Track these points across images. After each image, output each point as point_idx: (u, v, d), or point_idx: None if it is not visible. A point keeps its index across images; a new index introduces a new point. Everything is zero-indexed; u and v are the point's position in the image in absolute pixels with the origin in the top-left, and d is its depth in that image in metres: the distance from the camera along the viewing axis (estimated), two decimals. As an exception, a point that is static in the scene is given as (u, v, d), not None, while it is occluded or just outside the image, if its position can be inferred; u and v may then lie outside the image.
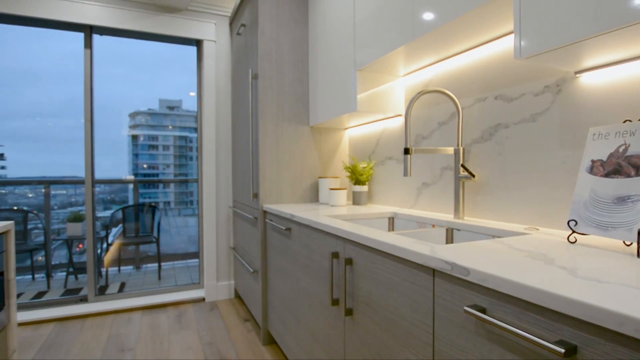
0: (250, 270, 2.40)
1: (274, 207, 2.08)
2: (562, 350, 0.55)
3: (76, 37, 2.82)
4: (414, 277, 0.93)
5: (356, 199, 2.11)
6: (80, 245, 3.68)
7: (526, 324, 0.64)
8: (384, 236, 1.09)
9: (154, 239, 3.81)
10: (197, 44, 3.12)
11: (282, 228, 1.88)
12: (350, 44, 1.86)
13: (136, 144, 4.53)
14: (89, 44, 2.80)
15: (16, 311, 1.69)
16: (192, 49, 3.17)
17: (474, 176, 1.44)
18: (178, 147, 4.86)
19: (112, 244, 3.75)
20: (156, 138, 4.82)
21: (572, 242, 0.95)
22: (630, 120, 0.91)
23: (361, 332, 1.19)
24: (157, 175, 4.66)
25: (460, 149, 1.47)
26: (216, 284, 3.08)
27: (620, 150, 0.89)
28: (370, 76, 1.83)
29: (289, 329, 1.88)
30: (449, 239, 1.44)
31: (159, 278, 3.77)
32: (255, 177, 2.35)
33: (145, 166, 4.63)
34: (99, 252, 3.11)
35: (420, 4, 1.33)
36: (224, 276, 3.13)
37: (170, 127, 4.85)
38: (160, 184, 4.75)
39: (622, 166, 0.88)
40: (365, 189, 2.10)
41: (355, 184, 2.11)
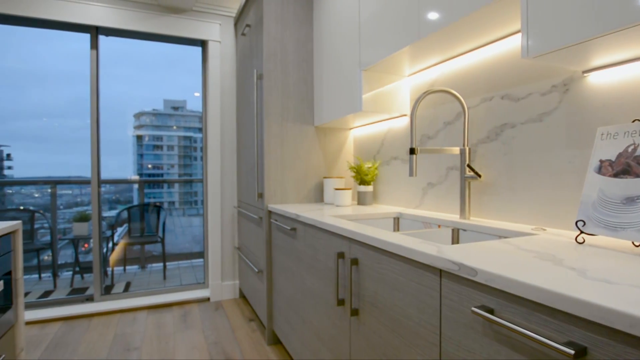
0: (255, 270, 2.40)
1: (279, 207, 2.08)
2: (572, 352, 0.54)
3: (82, 37, 2.83)
4: (420, 278, 0.93)
5: (361, 199, 2.11)
6: (86, 245, 3.71)
7: (535, 325, 0.63)
8: (390, 236, 1.09)
9: (159, 239, 3.82)
10: (202, 44, 3.13)
11: (287, 228, 1.88)
12: (355, 44, 1.85)
13: (141, 144, 4.55)
14: (95, 45, 2.82)
15: (24, 310, 1.70)
16: (196, 49, 3.18)
17: (480, 176, 1.43)
18: (182, 147, 4.88)
19: (117, 243, 3.77)
20: (161, 138, 4.84)
21: (580, 243, 0.94)
22: (639, 120, 0.90)
23: (367, 333, 1.19)
24: (161, 175, 4.68)
25: (466, 149, 1.46)
26: (221, 283, 3.09)
27: (629, 150, 0.88)
28: (375, 76, 1.83)
29: (294, 329, 1.88)
30: (455, 240, 1.43)
31: (164, 278, 3.79)
32: (260, 177, 2.36)
33: (150, 166, 4.65)
34: (104, 251, 3.13)
35: (425, 3, 1.33)
36: (228, 276, 3.14)
37: (175, 128, 4.87)
38: (165, 184, 4.78)
39: (631, 166, 0.87)
40: (370, 189, 2.09)
41: (360, 184, 2.11)
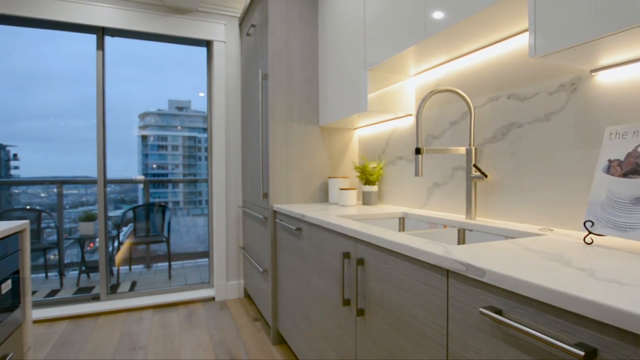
0: (260, 269, 2.41)
1: (284, 207, 2.08)
2: (582, 353, 0.54)
3: (87, 38, 2.85)
4: (427, 278, 0.92)
5: (366, 199, 2.10)
6: (92, 245, 3.73)
7: (544, 326, 0.63)
8: (396, 236, 1.09)
9: (164, 239, 3.84)
10: (207, 44, 3.14)
11: (292, 228, 1.88)
12: (360, 43, 1.85)
13: (146, 144, 4.57)
14: (101, 46, 2.84)
15: (31, 309, 1.71)
16: (200, 49, 3.19)
17: (486, 176, 1.42)
18: (187, 147, 4.90)
19: (123, 243, 3.79)
20: (165, 138, 4.86)
21: (588, 243, 0.93)
22: (648, 120, 0.89)
23: (373, 333, 1.18)
24: (166, 175, 4.70)
25: (473, 148, 1.46)
26: (226, 283, 3.10)
27: (639, 149, 0.88)
28: (380, 76, 1.83)
29: (299, 329, 1.88)
30: (461, 240, 1.43)
31: (169, 277, 3.80)
32: (265, 177, 2.36)
33: (155, 166, 4.67)
34: (110, 251, 3.14)
35: (431, 3, 1.32)
36: (233, 276, 3.14)
37: (179, 128, 4.89)
38: (170, 184, 4.80)
39: (640, 166, 0.86)
40: (375, 189, 2.09)
41: (365, 184, 2.11)
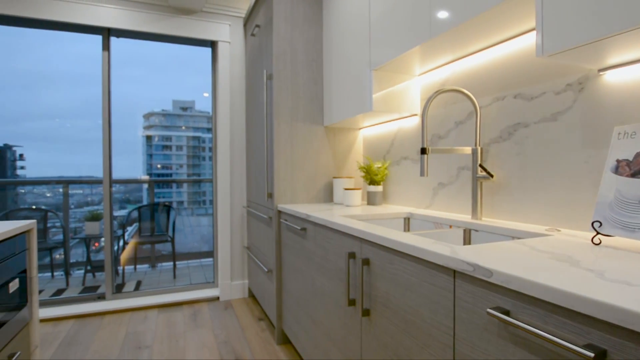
0: (265, 269, 2.41)
1: (288, 207, 2.08)
2: (592, 355, 0.54)
3: (93, 39, 2.87)
4: (433, 278, 0.92)
5: (371, 199, 2.10)
6: (97, 244, 3.75)
7: (552, 327, 0.63)
8: (402, 236, 1.09)
9: (169, 238, 3.86)
10: (212, 45, 3.15)
11: (297, 228, 1.89)
12: (365, 43, 1.85)
13: (150, 144, 4.59)
14: (106, 46, 2.85)
15: (38, 308, 1.73)
16: (204, 50, 3.20)
17: (492, 176, 1.42)
18: (191, 147, 4.91)
19: (128, 242, 3.81)
20: (170, 138, 4.88)
21: (596, 244, 0.93)
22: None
23: (378, 333, 1.18)
24: (170, 175, 4.72)
25: (478, 148, 1.45)
26: (230, 283, 3.11)
27: (648, 149, 0.87)
28: (385, 76, 1.82)
29: (303, 329, 1.88)
30: (467, 240, 1.42)
31: (174, 277, 3.82)
32: (270, 177, 2.36)
33: (159, 166, 4.69)
34: (115, 250, 3.16)
35: (437, 2, 1.32)
36: (238, 275, 3.15)
37: (184, 128, 4.90)
38: (174, 184, 4.81)
39: (649, 166, 0.85)
40: (380, 189, 2.09)
41: (370, 184, 2.10)
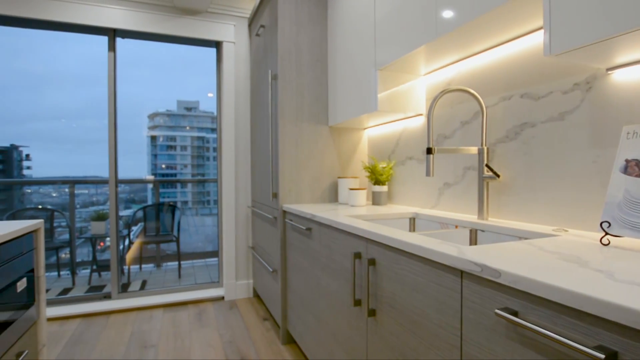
0: (270, 269, 2.42)
1: (293, 207, 2.08)
2: (602, 356, 0.53)
3: (99, 40, 2.88)
4: (440, 279, 0.92)
5: (376, 199, 2.10)
6: (102, 244, 3.78)
7: (561, 328, 0.62)
8: (409, 237, 1.08)
9: (174, 238, 3.87)
10: (217, 45, 3.16)
11: (302, 228, 1.89)
12: (370, 43, 1.85)
13: (155, 144, 4.62)
14: (112, 47, 2.87)
15: (45, 307, 1.74)
16: (208, 50, 3.20)
17: (498, 176, 1.41)
18: (195, 147, 4.93)
19: (133, 242, 3.83)
20: (174, 139, 4.90)
21: (605, 244, 0.92)
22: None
23: (384, 333, 1.18)
24: (175, 175, 4.74)
25: (485, 148, 1.44)
26: (235, 282, 3.12)
27: (657, 149, 0.86)
28: (390, 75, 1.82)
29: (309, 329, 1.88)
30: (473, 240, 1.42)
31: (179, 276, 3.83)
32: (275, 177, 2.37)
33: (164, 166, 4.72)
34: (120, 250, 3.18)
35: (442, 1, 1.31)
36: (242, 275, 3.16)
37: (188, 128, 4.92)
38: (178, 184, 4.83)
39: (659, 166, 0.85)
40: (385, 189, 2.08)
41: (375, 184, 2.10)
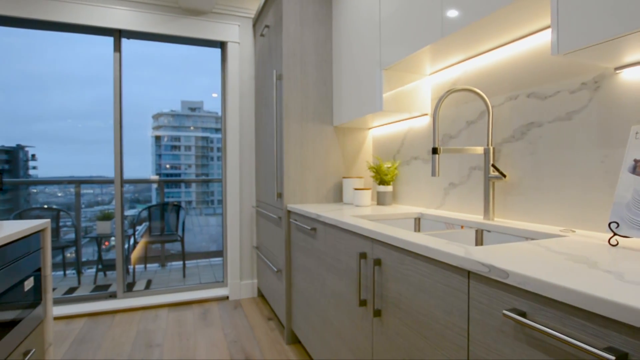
0: (274, 269, 2.42)
1: (298, 207, 2.09)
2: (613, 358, 0.53)
3: (104, 41, 2.90)
4: (447, 279, 0.91)
5: (380, 199, 2.09)
6: (107, 243, 3.80)
7: (570, 329, 0.62)
8: (415, 237, 1.08)
9: (178, 238, 3.89)
10: (221, 45, 3.17)
11: (307, 228, 1.89)
12: (375, 43, 1.84)
13: (159, 144, 4.64)
14: (118, 48, 2.88)
15: (52, 306, 1.75)
16: (212, 50, 3.21)
17: (505, 176, 1.40)
18: (200, 147, 4.95)
19: (138, 242, 3.85)
20: (178, 139, 4.92)
21: (613, 245, 0.91)
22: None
23: (390, 334, 1.18)
24: (179, 175, 4.76)
25: (491, 148, 1.44)
26: (240, 282, 3.12)
27: (667, 149, 0.85)
28: (395, 75, 1.81)
29: (313, 329, 1.88)
30: (479, 241, 1.41)
31: (184, 276, 3.85)
32: (280, 177, 2.37)
33: (168, 166, 4.74)
34: (125, 249, 3.19)
35: (448, 1, 1.31)
36: (247, 275, 3.16)
37: (192, 128, 4.94)
38: (182, 184, 4.85)
39: (669, 166, 0.84)
40: (390, 189, 2.08)
41: (380, 184, 2.10)
